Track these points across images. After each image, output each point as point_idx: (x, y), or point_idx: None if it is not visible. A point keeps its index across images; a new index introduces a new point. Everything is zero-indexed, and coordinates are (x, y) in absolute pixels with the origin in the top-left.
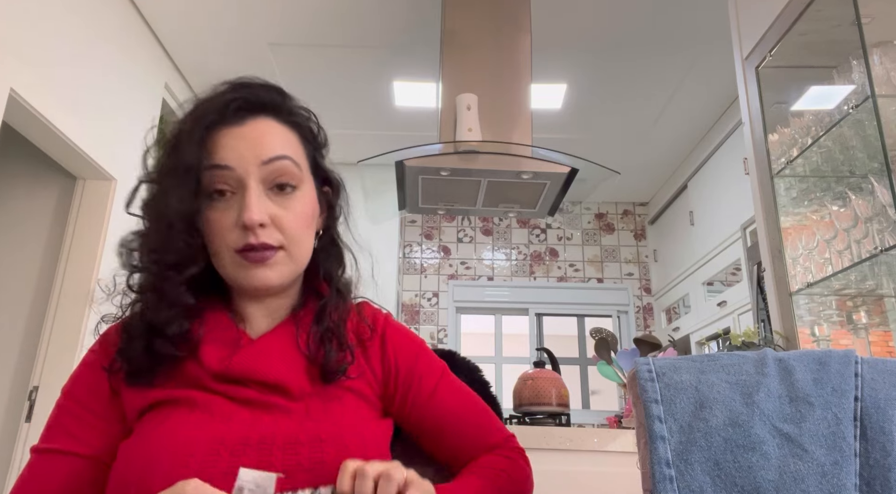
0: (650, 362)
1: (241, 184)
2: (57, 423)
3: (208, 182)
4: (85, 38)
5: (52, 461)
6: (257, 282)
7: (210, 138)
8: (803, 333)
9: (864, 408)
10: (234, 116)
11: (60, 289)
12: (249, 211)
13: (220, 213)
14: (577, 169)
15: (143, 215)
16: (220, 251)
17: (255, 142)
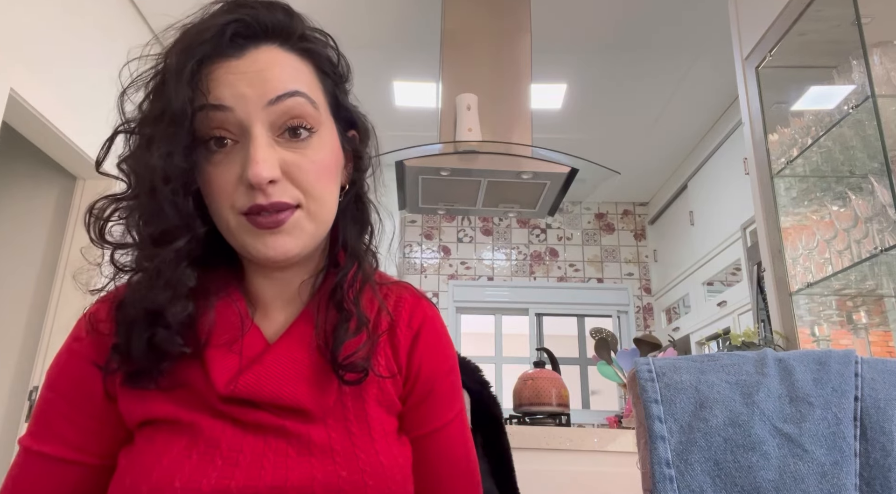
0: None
1: (244, 131)
2: (46, 421)
3: (203, 128)
4: (85, 38)
5: (48, 467)
6: (272, 252)
7: (203, 74)
8: (803, 333)
9: (864, 408)
10: (231, 45)
11: (60, 289)
12: (255, 165)
13: (219, 168)
14: (577, 169)
15: (122, 175)
16: (223, 214)
17: (258, 76)
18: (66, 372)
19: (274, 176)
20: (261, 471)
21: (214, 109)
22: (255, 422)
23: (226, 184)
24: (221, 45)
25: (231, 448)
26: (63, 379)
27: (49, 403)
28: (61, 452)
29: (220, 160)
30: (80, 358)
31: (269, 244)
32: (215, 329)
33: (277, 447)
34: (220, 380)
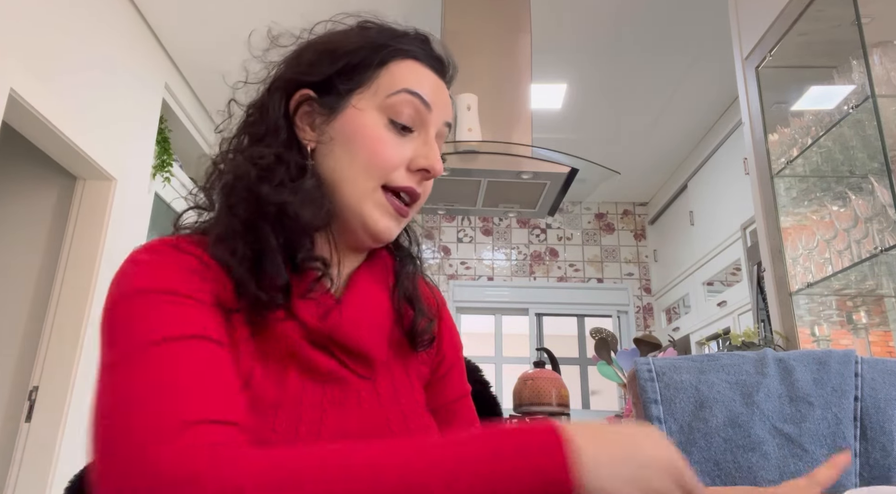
0: (650, 362)
1: (426, 129)
2: (180, 313)
3: (398, 105)
4: (85, 39)
5: (214, 349)
6: (385, 234)
7: (412, 65)
8: (803, 333)
9: (864, 408)
10: (440, 64)
11: (60, 289)
12: (439, 160)
13: (396, 140)
14: (577, 169)
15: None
16: (366, 178)
17: (446, 99)
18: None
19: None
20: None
21: (421, 101)
22: (325, 369)
23: (395, 158)
24: (435, 59)
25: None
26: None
27: (171, 302)
28: (201, 330)
29: (397, 135)
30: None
31: (388, 227)
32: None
33: (336, 398)
34: (309, 317)
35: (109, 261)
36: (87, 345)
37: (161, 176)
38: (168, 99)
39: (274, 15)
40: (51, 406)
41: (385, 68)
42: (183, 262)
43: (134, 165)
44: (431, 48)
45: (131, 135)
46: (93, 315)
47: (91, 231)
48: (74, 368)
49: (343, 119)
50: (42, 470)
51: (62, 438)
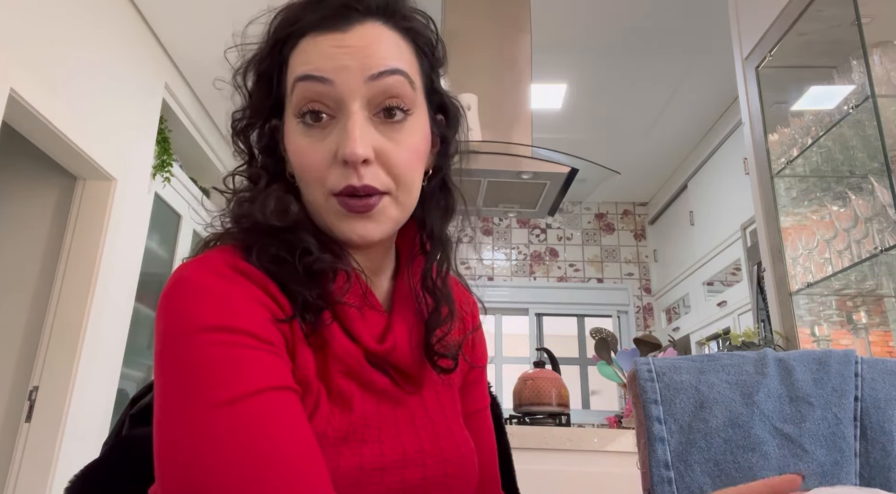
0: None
1: (342, 107)
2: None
3: (300, 100)
4: (85, 39)
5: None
6: (356, 237)
7: (306, 45)
8: (803, 333)
9: (864, 408)
10: (337, 19)
11: (60, 289)
12: (352, 142)
13: (313, 143)
14: (577, 169)
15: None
16: (313, 192)
17: (361, 51)
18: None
19: (368, 155)
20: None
21: (315, 81)
22: (380, 387)
23: (319, 162)
24: (327, 17)
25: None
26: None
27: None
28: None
29: (314, 134)
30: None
31: (355, 229)
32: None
33: (388, 414)
34: (368, 339)
35: (109, 261)
36: (87, 345)
37: (161, 176)
38: (168, 99)
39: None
40: (51, 406)
41: (287, 68)
42: (254, 294)
43: (134, 165)
44: (330, 3)
45: (131, 135)
46: (93, 315)
47: (91, 231)
48: (74, 368)
49: (284, 139)
50: (42, 470)
51: (62, 438)
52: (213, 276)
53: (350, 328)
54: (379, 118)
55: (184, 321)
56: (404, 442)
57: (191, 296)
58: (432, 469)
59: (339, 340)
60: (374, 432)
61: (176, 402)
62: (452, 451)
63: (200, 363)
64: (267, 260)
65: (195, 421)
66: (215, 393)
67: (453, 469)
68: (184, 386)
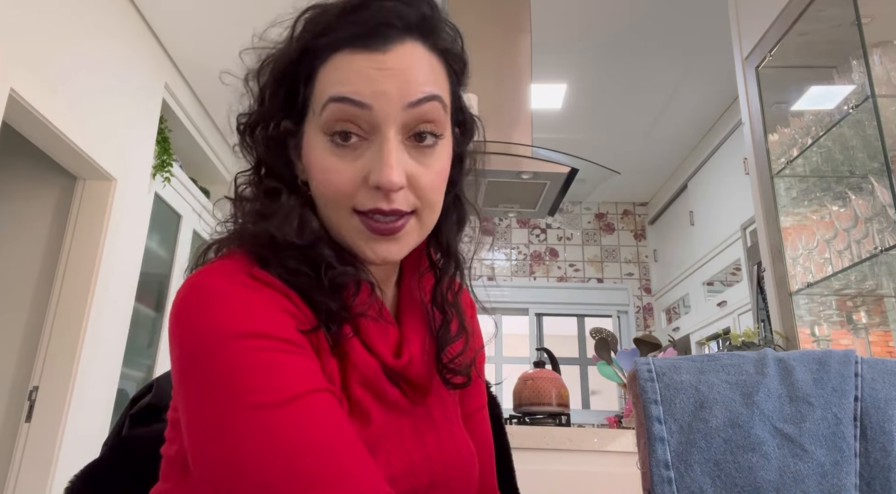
0: (650, 362)
1: (377, 131)
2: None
3: (332, 119)
4: (85, 39)
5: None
6: (378, 258)
7: (337, 61)
8: (803, 333)
9: (864, 408)
10: (374, 37)
11: (60, 289)
12: (390, 169)
13: (342, 163)
14: (577, 169)
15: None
16: (335, 208)
17: (401, 75)
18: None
19: (403, 183)
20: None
21: (352, 104)
22: (390, 398)
23: (349, 183)
24: (366, 35)
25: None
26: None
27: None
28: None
29: (343, 154)
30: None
31: (377, 250)
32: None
33: (394, 424)
34: (385, 353)
35: (109, 261)
36: (87, 345)
37: (161, 176)
38: (168, 99)
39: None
40: (51, 406)
41: (316, 80)
42: (277, 302)
43: (134, 165)
44: (370, 17)
45: (131, 135)
46: (93, 315)
47: (91, 231)
48: (74, 368)
49: (304, 149)
50: (42, 470)
51: (62, 438)
52: (234, 284)
53: (368, 341)
54: (411, 142)
55: (212, 327)
56: (410, 451)
57: (214, 303)
58: (439, 475)
59: (358, 352)
60: (382, 442)
61: (216, 408)
62: (454, 455)
63: (237, 369)
64: (287, 272)
65: (240, 426)
66: (258, 396)
67: (456, 473)
68: (224, 392)
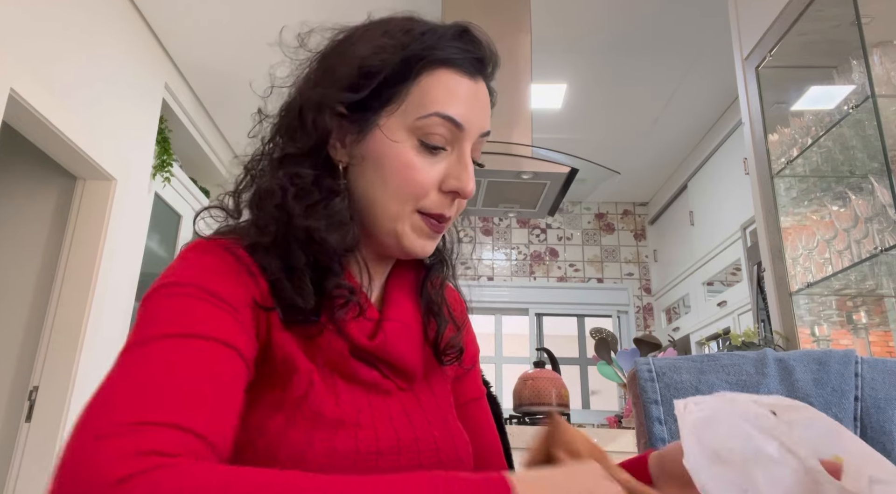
0: (650, 362)
1: (459, 146)
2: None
3: (431, 130)
4: (85, 39)
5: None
6: (418, 251)
7: (443, 76)
8: (803, 333)
9: (864, 408)
10: (474, 66)
11: (60, 289)
12: (471, 182)
13: (425, 164)
14: (577, 169)
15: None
16: (399, 203)
17: (484, 107)
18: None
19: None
20: (375, 431)
21: (454, 124)
22: (369, 380)
23: (427, 183)
24: (470, 62)
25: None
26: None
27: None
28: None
29: (427, 157)
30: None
31: (422, 245)
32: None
33: (380, 406)
34: (359, 336)
35: (109, 261)
36: (87, 345)
37: (161, 176)
38: (168, 99)
39: (274, 15)
40: (51, 406)
41: (415, 83)
42: (229, 264)
43: (134, 165)
44: (471, 46)
45: (131, 135)
46: (93, 315)
47: (91, 231)
48: (74, 368)
49: (373, 139)
50: (42, 470)
51: (62, 438)
52: (203, 253)
53: (341, 325)
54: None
55: (154, 284)
56: (398, 430)
57: (169, 267)
58: (427, 457)
59: (325, 334)
60: (367, 418)
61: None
62: (445, 440)
63: (151, 308)
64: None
65: (126, 350)
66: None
67: (446, 457)
68: (135, 325)
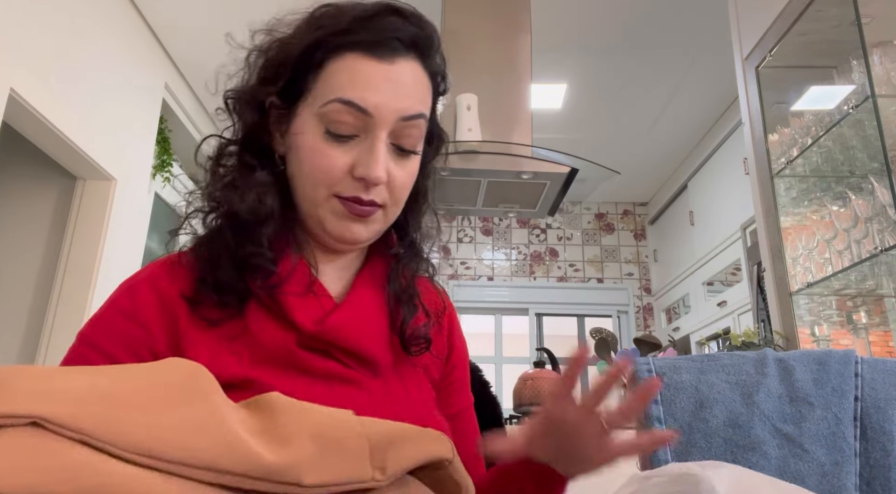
0: (650, 362)
1: (370, 133)
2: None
3: (334, 117)
4: (85, 39)
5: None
6: (348, 236)
7: (348, 60)
8: (803, 333)
9: (864, 408)
10: (384, 47)
11: (60, 289)
12: (378, 166)
13: (334, 151)
14: (577, 169)
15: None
16: (318, 190)
17: (402, 90)
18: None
19: (385, 180)
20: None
21: (357, 109)
22: (325, 372)
23: (336, 170)
24: (378, 43)
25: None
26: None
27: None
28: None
29: (336, 145)
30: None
31: (349, 228)
32: (290, 278)
33: (344, 397)
34: (305, 320)
35: (109, 261)
36: None
37: (161, 176)
38: (168, 99)
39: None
40: None
41: (322, 71)
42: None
43: (134, 165)
44: (387, 26)
45: (131, 135)
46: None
47: (91, 231)
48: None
49: (293, 129)
50: None
51: None
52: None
53: (288, 313)
54: (393, 147)
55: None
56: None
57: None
58: None
59: (262, 324)
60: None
61: None
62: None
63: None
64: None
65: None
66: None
67: None
68: None
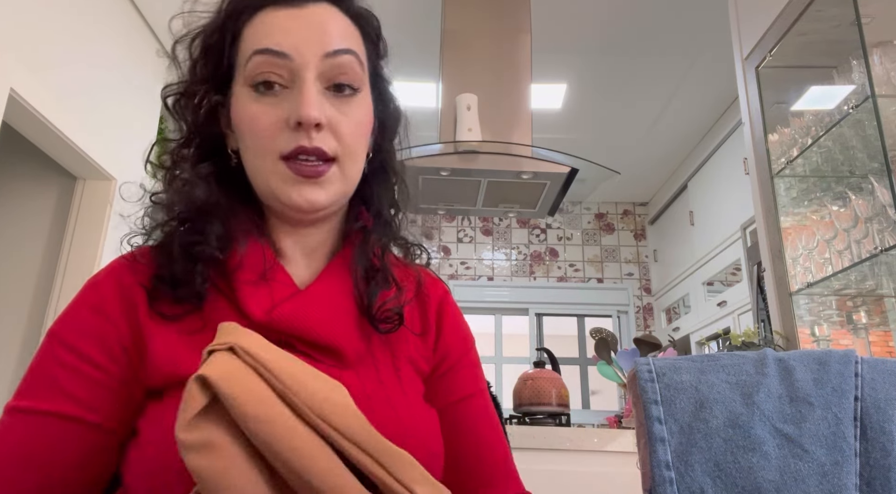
0: (650, 362)
1: (297, 78)
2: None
3: (254, 71)
4: (85, 38)
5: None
6: (304, 201)
7: (259, 18)
8: (803, 333)
9: (864, 408)
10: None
11: (60, 289)
12: (308, 105)
13: (265, 109)
14: (577, 169)
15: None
16: (261, 157)
17: (318, 28)
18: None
19: (321, 119)
20: None
21: (272, 54)
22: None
23: (271, 126)
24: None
25: None
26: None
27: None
28: (63, 407)
29: (266, 102)
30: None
31: (303, 193)
32: (244, 266)
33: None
34: (256, 309)
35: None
36: None
37: None
38: None
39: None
40: None
41: (239, 42)
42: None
43: (134, 165)
44: None
45: (131, 135)
46: None
47: (91, 231)
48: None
49: (232, 111)
50: None
51: None
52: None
53: (240, 302)
54: (330, 92)
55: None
56: None
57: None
58: None
59: (221, 315)
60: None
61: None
62: (392, 422)
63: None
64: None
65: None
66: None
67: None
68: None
